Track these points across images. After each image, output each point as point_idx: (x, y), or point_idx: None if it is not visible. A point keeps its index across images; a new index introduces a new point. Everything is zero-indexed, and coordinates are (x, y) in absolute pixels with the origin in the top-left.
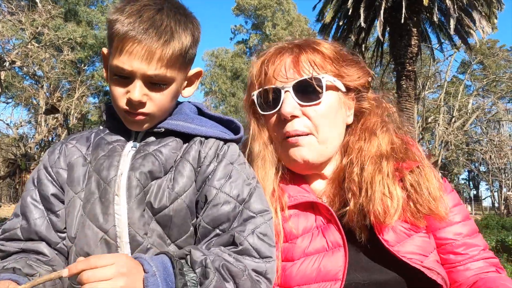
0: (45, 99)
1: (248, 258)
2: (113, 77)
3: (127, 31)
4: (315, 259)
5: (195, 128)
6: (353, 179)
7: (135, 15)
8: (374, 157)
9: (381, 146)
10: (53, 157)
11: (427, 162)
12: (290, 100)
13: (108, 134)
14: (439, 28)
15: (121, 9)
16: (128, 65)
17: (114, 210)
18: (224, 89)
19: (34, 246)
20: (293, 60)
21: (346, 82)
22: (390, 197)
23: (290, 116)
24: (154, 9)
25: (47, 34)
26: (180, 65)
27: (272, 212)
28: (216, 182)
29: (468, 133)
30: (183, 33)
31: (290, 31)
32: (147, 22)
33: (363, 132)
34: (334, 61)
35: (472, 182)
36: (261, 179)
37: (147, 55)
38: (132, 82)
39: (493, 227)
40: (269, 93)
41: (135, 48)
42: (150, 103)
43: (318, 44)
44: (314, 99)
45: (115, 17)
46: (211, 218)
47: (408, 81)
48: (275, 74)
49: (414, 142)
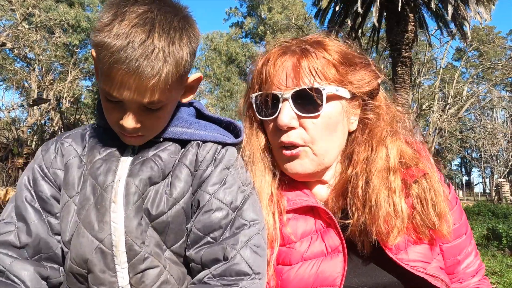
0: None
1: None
2: (103, 95)
3: (116, 60)
4: (313, 264)
5: (193, 134)
6: (357, 193)
7: (124, 39)
8: (381, 171)
9: (389, 159)
10: (48, 156)
11: (436, 174)
12: (288, 110)
13: (104, 135)
14: (436, 15)
15: (107, 28)
16: (119, 94)
17: (111, 218)
18: (219, 73)
19: (18, 271)
20: (294, 66)
21: (352, 89)
22: (395, 216)
23: (286, 128)
24: (144, 31)
25: (38, 15)
26: (176, 84)
27: (269, 219)
28: (210, 187)
29: (462, 120)
30: (178, 53)
31: (286, 15)
32: (138, 49)
33: (370, 142)
34: (339, 66)
35: (465, 168)
36: (259, 183)
37: (139, 86)
38: (124, 107)
39: (485, 214)
40: (268, 99)
41: (126, 79)
42: (145, 127)
43: (324, 46)
44: (312, 111)
45: (101, 40)
46: (202, 224)
47: (404, 68)
48: (275, 78)
49: (426, 151)
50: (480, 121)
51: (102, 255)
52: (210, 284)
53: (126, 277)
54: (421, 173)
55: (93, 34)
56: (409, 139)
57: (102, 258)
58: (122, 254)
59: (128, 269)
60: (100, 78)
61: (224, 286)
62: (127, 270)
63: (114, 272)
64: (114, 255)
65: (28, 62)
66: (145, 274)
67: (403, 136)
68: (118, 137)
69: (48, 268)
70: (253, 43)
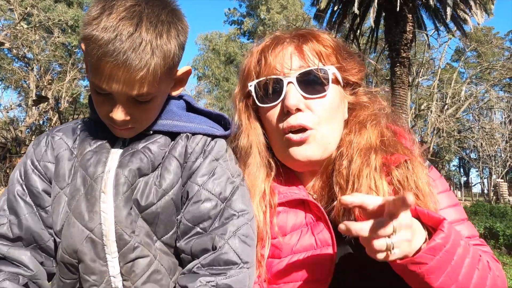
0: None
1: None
2: (93, 88)
3: (104, 53)
4: (303, 257)
5: (183, 126)
6: (341, 172)
7: (112, 32)
8: (363, 150)
9: (371, 139)
10: (39, 149)
11: (417, 154)
12: (294, 92)
13: (95, 128)
14: (434, 15)
15: (96, 21)
16: (108, 87)
17: (100, 208)
18: (218, 73)
19: (18, 256)
20: (297, 49)
21: (346, 76)
22: (376, 191)
23: (295, 109)
24: (132, 24)
25: (36, 15)
26: (165, 77)
27: (259, 215)
28: (199, 178)
29: (460, 120)
30: (165, 46)
31: (285, 15)
32: (125, 42)
33: (354, 125)
34: (337, 52)
35: (463, 168)
36: (252, 178)
37: (128, 79)
38: (113, 99)
39: (482, 213)
40: (269, 84)
41: (114, 71)
42: (135, 119)
43: (318, 34)
44: (320, 91)
45: (90, 33)
46: (191, 215)
47: (402, 68)
48: (276, 63)
49: (407, 132)
50: (478, 122)
51: (92, 245)
52: (199, 274)
53: (117, 266)
54: (403, 159)
55: (82, 28)
56: (390, 124)
57: (92, 248)
58: (112, 244)
59: (118, 258)
60: (90, 71)
61: (212, 275)
62: (118, 259)
63: (104, 261)
64: (104, 245)
65: (27, 62)
66: (135, 263)
67: (384, 121)
68: (108, 130)
69: (43, 256)
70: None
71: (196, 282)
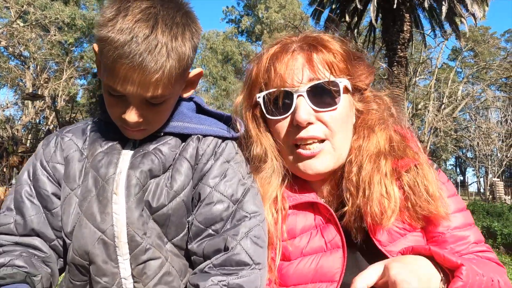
0: (32, 80)
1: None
2: (106, 90)
3: (120, 55)
4: (313, 259)
5: (194, 128)
6: (351, 179)
7: (128, 34)
8: (372, 156)
9: (380, 144)
10: (49, 150)
11: (424, 158)
12: (305, 106)
13: (105, 129)
14: (430, 15)
15: (111, 23)
16: (122, 89)
17: (112, 209)
18: (215, 72)
19: (30, 241)
20: (307, 60)
21: (355, 82)
22: (388, 198)
23: (306, 124)
24: (147, 26)
25: (33, 13)
26: (179, 78)
27: (270, 220)
28: (211, 180)
29: (457, 119)
30: (180, 48)
31: (283, 14)
32: (141, 44)
33: (362, 130)
34: (346, 60)
35: (459, 167)
36: (264, 184)
37: (143, 81)
38: (126, 101)
39: (479, 212)
40: (279, 97)
41: (130, 73)
42: (148, 121)
43: (328, 41)
44: (331, 104)
45: (105, 34)
46: (204, 217)
47: (400, 67)
48: (286, 75)
49: (412, 135)
50: (475, 121)
51: (104, 246)
52: (211, 273)
53: (128, 268)
54: (413, 163)
55: (97, 29)
56: (397, 127)
57: (104, 249)
58: (124, 245)
59: (130, 260)
60: (103, 72)
61: (224, 275)
62: (129, 261)
63: (116, 263)
64: (116, 246)
65: (23, 60)
66: (146, 265)
67: (391, 124)
68: (119, 131)
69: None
70: (249, 42)
71: (208, 281)
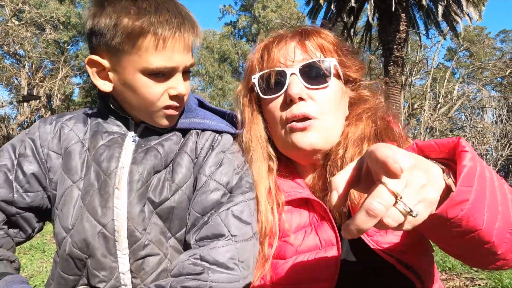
0: (27, 79)
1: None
2: (142, 78)
3: (162, 29)
4: (308, 257)
5: (200, 123)
6: (336, 161)
7: (161, 11)
8: (357, 140)
9: (365, 129)
10: (45, 135)
11: (406, 139)
12: (297, 82)
13: (106, 121)
14: (426, 15)
15: (135, 9)
16: (171, 62)
17: (114, 204)
18: (212, 71)
19: None
20: (299, 43)
21: (347, 71)
22: None
23: (297, 98)
24: (164, 1)
25: (28, 12)
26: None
27: (268, 215)
28: (207, 169)
29: (453, 119)
30: (195, 22)
31: (279, 14)
32: (176, 16)
33: (352, 118)
34: (338, 48)
35: None
36: (257, 175)
37: (186, 47)
38: (170, 77)
39: None
40: (272, 76)
41: (176, 44)
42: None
43: (321, 31)
44: (322, 82)
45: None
46: (200, 205)
47: (396, 67)
48: (279, 56)
49: (396, 122)
50: (470, 121)
51: (104, 240)
52: (192, 249)
53: (127, 262)
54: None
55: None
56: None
57: (104, 243)
58: (123, 240)
59: (129, 255)
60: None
61: (200, 247)
62: (128, 256)
63: (115, 258)
64: (116, 240)
65: (18, 59)
66: (145, 260)
67: (379, 113)
68: (120, 124)
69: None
70: (245, 41)
71: (181, 256)
